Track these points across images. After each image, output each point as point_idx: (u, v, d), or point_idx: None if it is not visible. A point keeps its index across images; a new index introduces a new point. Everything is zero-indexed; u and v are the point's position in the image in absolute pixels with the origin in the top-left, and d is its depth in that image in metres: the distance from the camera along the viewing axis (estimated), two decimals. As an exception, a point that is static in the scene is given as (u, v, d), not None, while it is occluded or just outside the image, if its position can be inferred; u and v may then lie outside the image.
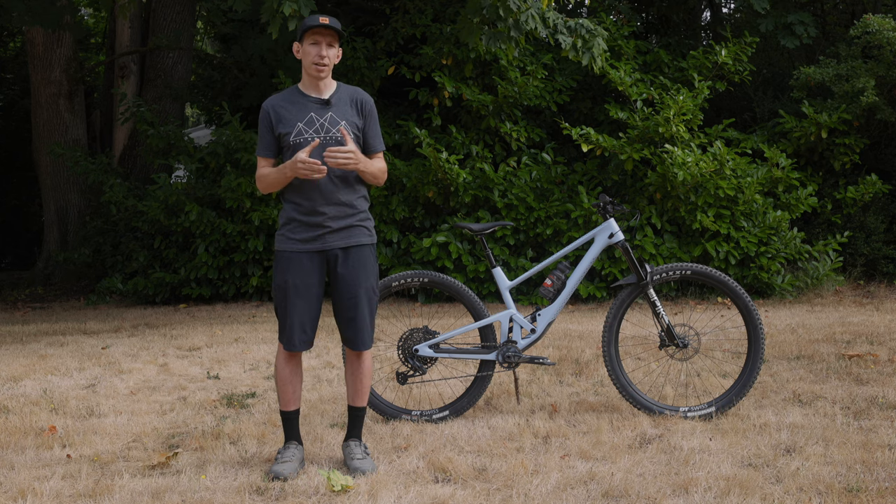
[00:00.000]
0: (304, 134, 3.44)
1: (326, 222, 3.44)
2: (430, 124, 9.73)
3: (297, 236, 3.46)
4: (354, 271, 3.48)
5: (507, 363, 4.26)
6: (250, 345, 6.51)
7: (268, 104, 3.52)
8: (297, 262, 3.45)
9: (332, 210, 3.44)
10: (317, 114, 3.46)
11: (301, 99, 3.50)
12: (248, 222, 9.41)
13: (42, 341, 6.93)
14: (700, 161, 8.50)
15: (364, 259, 3.51)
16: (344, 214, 3.47)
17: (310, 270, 3.46)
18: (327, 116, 3.47)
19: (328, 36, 3.45)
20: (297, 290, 3.45)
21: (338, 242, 3.47)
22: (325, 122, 3.46)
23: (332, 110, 3.48)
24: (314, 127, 3.45)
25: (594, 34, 7.53)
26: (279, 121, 3.47)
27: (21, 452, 3.79)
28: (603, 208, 4.32)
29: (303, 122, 3.45)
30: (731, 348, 5.71)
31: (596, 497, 3.10)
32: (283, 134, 3.46)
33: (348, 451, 3.54)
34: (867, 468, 3.30)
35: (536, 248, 9.16)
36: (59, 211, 12.03)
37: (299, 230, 3.46)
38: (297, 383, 3.59)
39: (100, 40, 17.15)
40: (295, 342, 3.48)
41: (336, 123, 3.46)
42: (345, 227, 3.47)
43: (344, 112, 3.49)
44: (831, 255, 8.86)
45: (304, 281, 3.45)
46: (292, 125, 3.45)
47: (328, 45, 3.46)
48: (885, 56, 9.08)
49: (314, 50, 3.45)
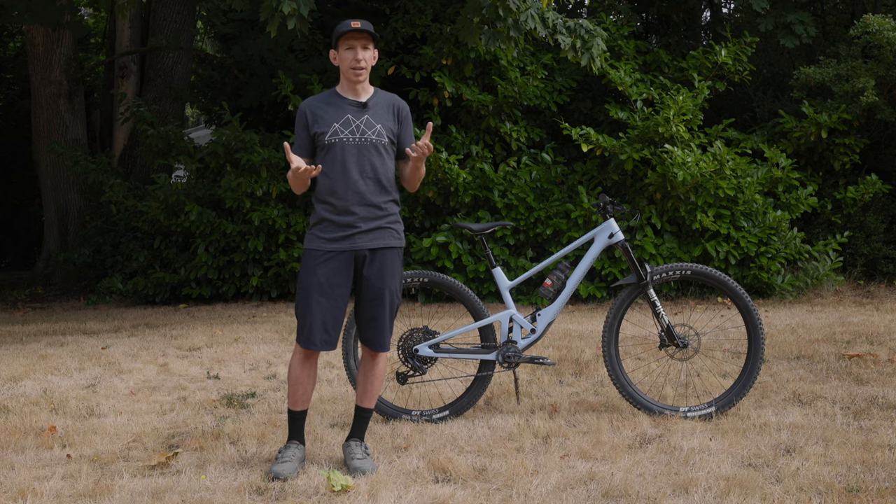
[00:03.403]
0: (340, 134, 3.49)
1: (357, 223, 3.48)
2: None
3: (326, 235, 3.49)
4: (380, 272, 3.52)
5: (507, 363, 4.26)
6: (250, 345, 6.51)
7: (305, 104, 3.58)
8: (325, 260, 3.48)
9: (364, 211, 3.49)
10: (353, 116, 3.52)
11: (339, 101, 3.56)
12: (248, 222, 9.41)
13: (42, 341, 6.93)
14: (700, 161, 8.50)
15: (391, 261, 3.55)
16: (374, 216, 3.51)
17: (337, 270, 3.48)
18: (364, 119, 3.52)
19: (362, 39, 3.51)
20: (321, 288, 3.46)
21: (367, 243, 3.50)
22: (360, 124, 3.51)
23: (369, 113, 3.54)
24: (350, 128, 3.50)
25: (593, 34, 7.53)
26: (315, 121, 3.52)
27: (21, 452, 3.78)
28: (603, 208, 4.33)
29: (339, 123, 3.50)
30: (731, 348, 5.71)
31: (596, 497, 3.10)
32: (319, 133, 3.51)
33: (349, 450, 3.55)
34: (867, 468, 3.30)
35: (536, 248, 9.15)
36: (59, 211, 12.01)
37: (330, 229, 3.49)
38: (308, 384, 3.59)
39: (100, 40, 17.15)
40: (316, 341, 3.47)
41: (372, 126, 3.52)
42: (374, 229, 3.52)
43: (381, 116, 3.56)
44: (831, 255, 8.86)
45: (329, 280, 3.47)
46: (328, 125, 3.50)
47: (363, 48, 3.52)
48: (885, 56, 9.08)
49: (350, 55, 3.51)
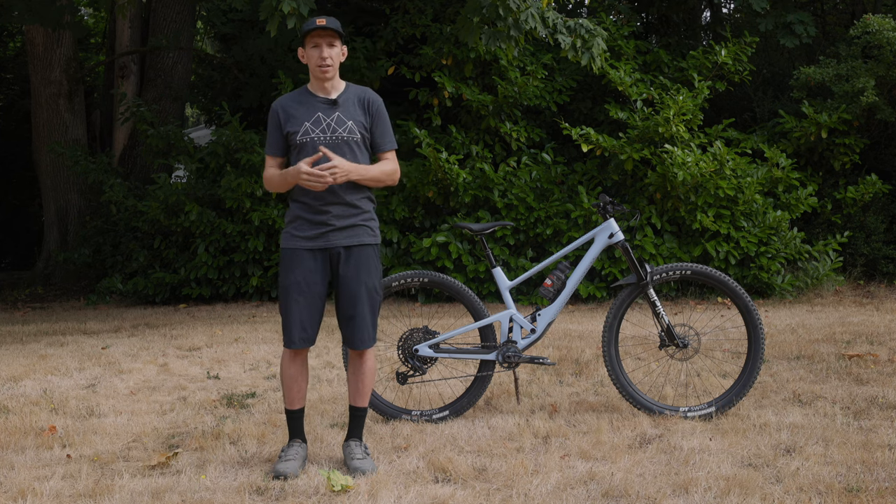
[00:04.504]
0: (311, 133, 3.49)
1: (331, 220, 3.48)
2: (430, 124, 9.73)
3: (302, 234, 3.50)
4: (356, 270, 3.51)
5: (507, 363, 4.26)
6: (250, 345, 6.50)
7: (277, 104, 3.59)
8: (301, 259, 3.49)
9: (338, 209, 3.49)
10: (324, 114, 3.51)
11: (309, 99, 3.56)
12: (248, 222, 9.41)
13: (42, 341, 6.93)
14: (700, 161, 8.49)
15: (367, 258, 3.54)
16: (349, 214, 3.51)
17: (313, 268, 3.49)
18: (334, 116, 3.52)
19: (327, 37, 3.51)
20: (299, 287, 3.48)
21: (341, 241, 3.50)
22: (331, 121, 3.51)
23: (339, 110, 3.53)
24: (321, 126, 3.50)
25: (594, 34, 7.54)
26: (287, 120, 3.53)
27: (21, 452, 3.78)
28: (603, 208, 4.33)
29: (310, 122, 3.50)
30: (731, 348, 5.71)
31: (596, 497, 3.10)
32: (291, 133, 3.51)
33: (348, 451, 3.55)
34: (867, 468, 3.30)
35: (536, 248, 9.15)
36: (59, 211, 12.01)
37: (305, 228, 3.50)
38: (301, 382, 3.60)
39: (100, 40, 17.14)
40: (294, 339, 3.50)
41: (343, 123, 3.51)
42: (349, 227, 3.51)
43: (351, 112, 3.55)
44: (831, 255, 8.86)
45: (306, 278, 3.48)
46: (300, 124, 3.50)
47: (329, 45, 3.51)
48: (885, 56, 9.08)
49: (316, 53, 3.51)
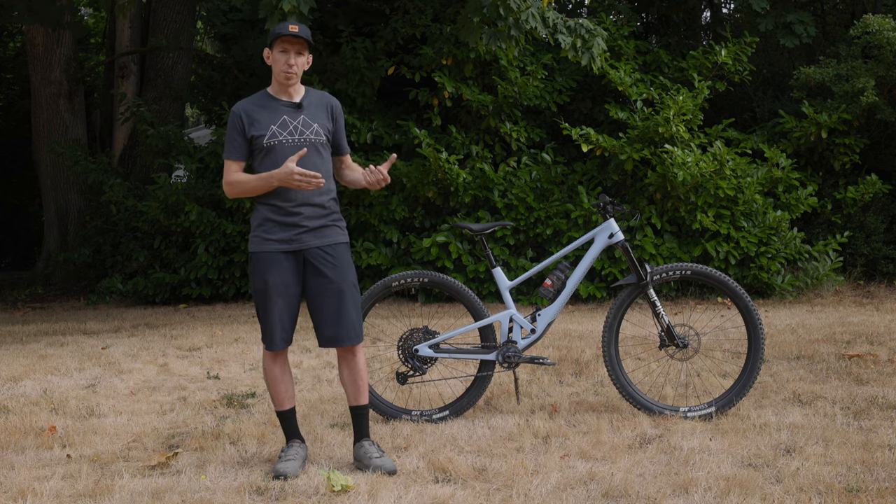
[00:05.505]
0: (279, 136, 3.49)
1: (303, 222, 3.50)
2: (430, 124, 9.73)
3: (273, 236, 3.50)
4: (336, 268, 3.54)
5: (507, 363, 4.26)
6: (250, 345, 6.51)
7: (238, 108, 3.55)
8: (276, 262, 3.50)
9: (308, 210, 3.51)
10: (290, 117, 3.52)
11: (272, 103, 3.55)
12: (248, 222, 9.40)
13: (42, 341, 6.93)
14: (700, 161, 8.49)
15: (344, 255, 3.58)
16: (319, 215, 3.54)
17: (288, 270, 3.51)
18: (300, 119, 3.53)
19: (297, 45, 3.50)
20: (277, 289, 3.50)
21: (314, 242, 3.52)
22: (298, 124, 3.52)
23: (305, 113, 3.54)
24: (287, 129, 3.50)
25: (594, 34, 7.54)
26: (251, 124, 3.51)
27: (21, 452, 3.79)
28: (603, 208, 4.33)
29: (276, 125, 3.50)
30: (731, 348, 5.71)
31: (596, 497, 3.10)
32: (256, 137, 3.50)
33: (363, 451, 3.52)
34: (867, 468, 3.30)
35: (536, 248, 9.15)
36: (59, 211, 12.01)
37: (275, 230, 3.50)
38: (287, 382, 3.62)
39: (100, 40, 17.14)
40: (276, 341, 3.53)
41: (309, 126, 3.52)
42: (320, 227, 3.54)
43: (316, 115, 3.57)
44: (831, 255, 8.86)
45: (284, 280, 3.50)
46: (265, 128, 3.49)
47: (297, 54, 3.51)
48: (885, 56, 9.08)
49: (283, 58, 3.49)
